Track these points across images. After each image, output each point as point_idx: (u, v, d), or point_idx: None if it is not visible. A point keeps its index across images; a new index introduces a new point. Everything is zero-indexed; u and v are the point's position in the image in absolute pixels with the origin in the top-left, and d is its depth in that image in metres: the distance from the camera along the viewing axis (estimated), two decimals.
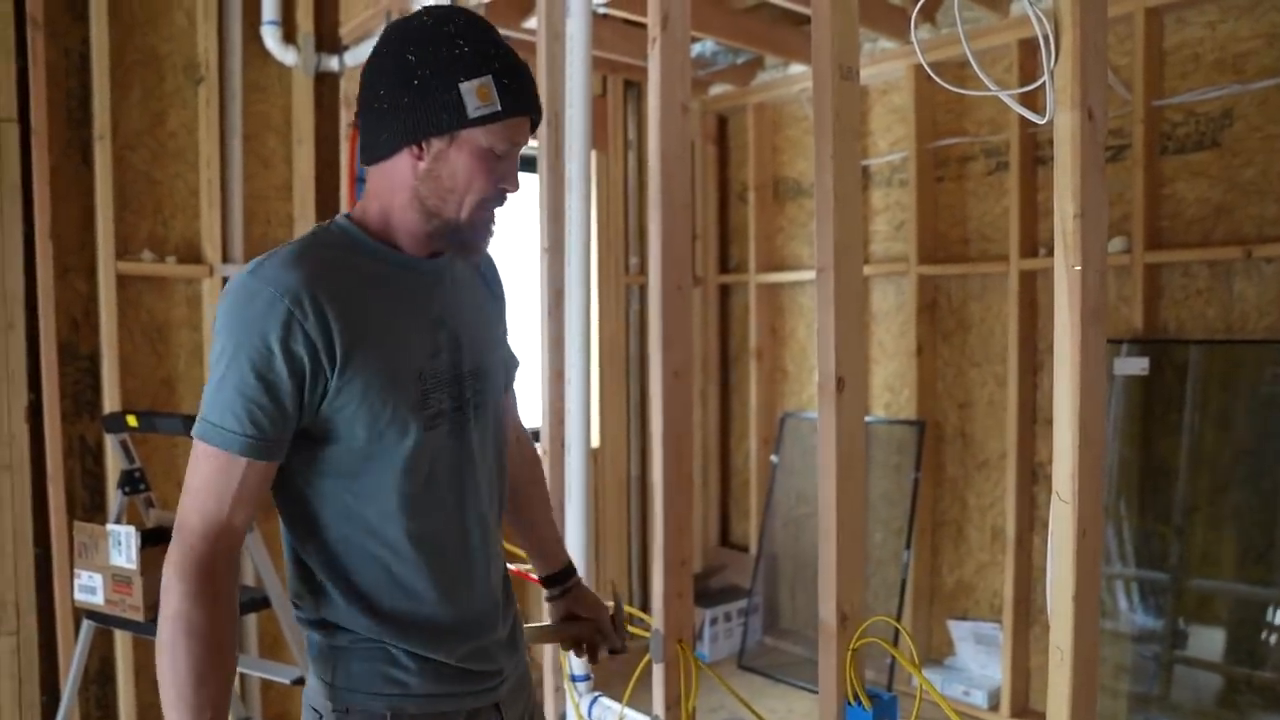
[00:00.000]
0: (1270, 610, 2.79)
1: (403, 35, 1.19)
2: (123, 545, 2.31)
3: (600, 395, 4.05)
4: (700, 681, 1.87)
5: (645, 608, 3.50)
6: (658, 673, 1.88)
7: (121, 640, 2.97)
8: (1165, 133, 3.10)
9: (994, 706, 3.47)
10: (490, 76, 1.15)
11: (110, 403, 2.89)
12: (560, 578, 1.58)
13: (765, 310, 4.38)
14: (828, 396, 1.50)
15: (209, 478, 1.11)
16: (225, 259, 3.15)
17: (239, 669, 2.88)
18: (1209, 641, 2.91)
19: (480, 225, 1.23)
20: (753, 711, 1.79)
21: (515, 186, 1.23)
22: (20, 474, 2.73)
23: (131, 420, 2.43)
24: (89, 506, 2.93)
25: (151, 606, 2.33)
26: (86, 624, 2.47)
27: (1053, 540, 1.25)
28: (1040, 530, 3.41)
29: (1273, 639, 2.78)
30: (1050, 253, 3.23)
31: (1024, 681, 3.46)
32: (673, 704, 1.88)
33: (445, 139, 1.16)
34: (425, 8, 1.25)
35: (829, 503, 1.51)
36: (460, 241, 1.23)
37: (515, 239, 3.79)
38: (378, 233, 1.22)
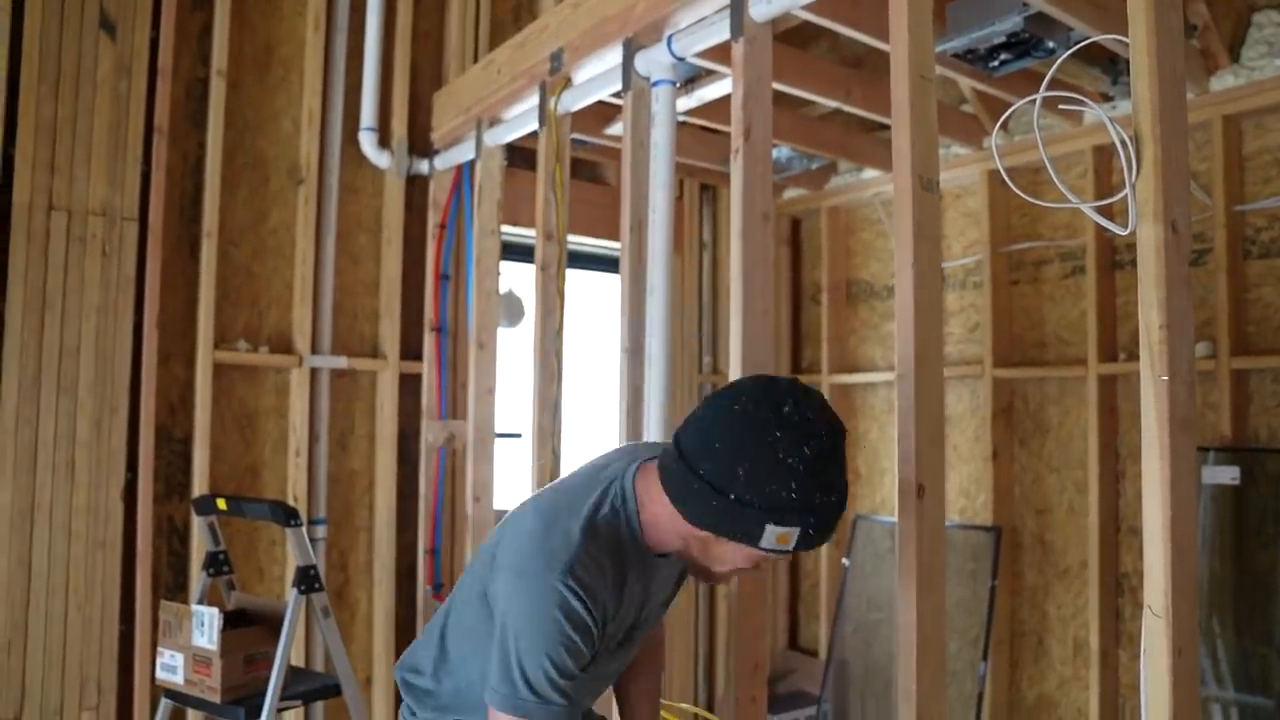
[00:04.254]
0: None
1: (753, 435, 1.20)
2: (205, 626, 2.37)
3: None
4: None
5: (710, 706, 3.42)
6: None
7: (193, 717, 3.01)
8: (1248, 237, 3.07)
9: None
10: (799, 529, 1.21)
11: (200, 486, 3.00)
12: None
13: (838, 412, 4.35)
14: (908, 503, 1.50)
15: None
16: (314, 350, 3.28)
17: None
18: None
19: (722, 577, 1.37)
20: None
21: (769, 555, 1.28)
22: (113, 552, 2.83)
23: (221, 504, 2.51)
24: (172, 587, 3.01)
25: (230, 689, 2.37)
26: (165, 702, 2.52)
27: (1145, 659, 1.21)
28: (1126, 645, 3.27)
29: None
30: (1130, 357, 3.19)
31: None
32: None
33: (730, 539, 1.25)
34: (792, 399, 1.23)
35: (908, 613, 1.49)
36: (699, 576, 1.39)
37: (597, 337, 3.90)
38: (642, 528, 1.33)
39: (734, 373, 1.83)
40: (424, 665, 1.48)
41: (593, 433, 3.87)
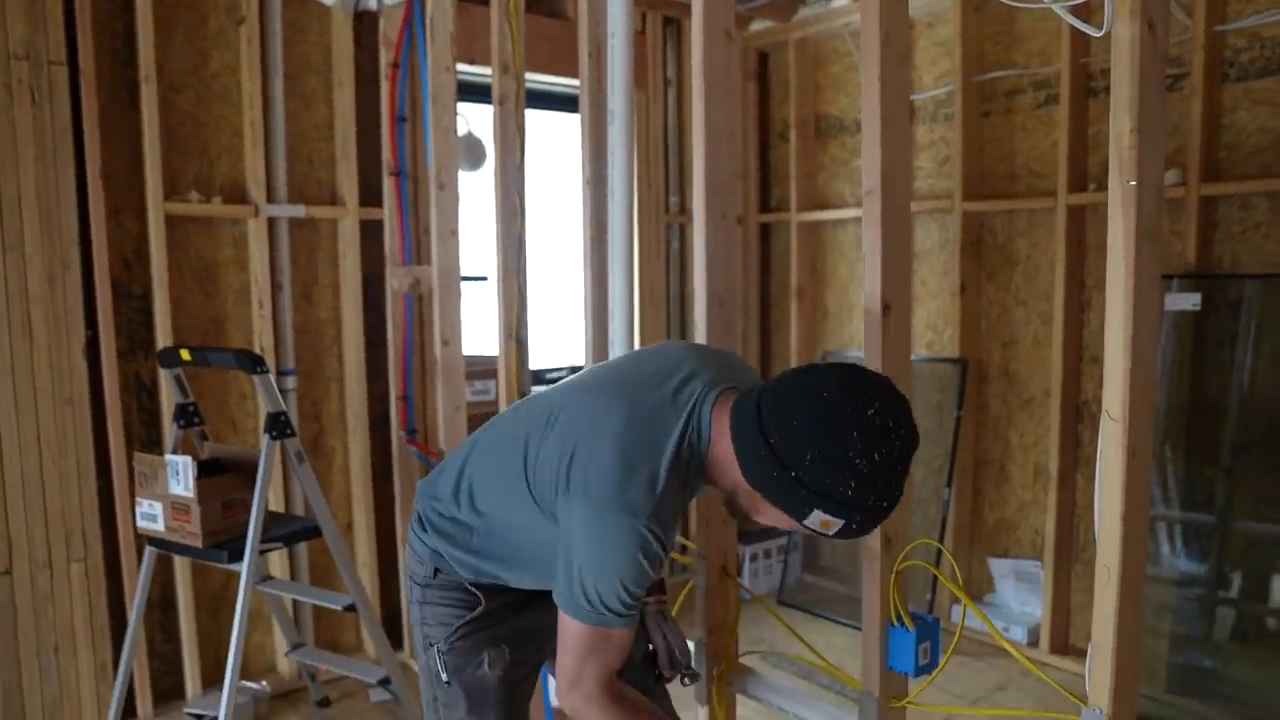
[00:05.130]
0: None
1: (831, 427, 1.21)
2: (180, 474, 2.39)
3: (641, 335, 4.06)
4: (742, 614, 1.90)
5: (687, 534, 3.54)
6: (700, 598, 1.91)
7: (181, 570, 3.08)
8: (1227, 59, 3.00)
9: (1033, 643, 3.48)
10: (844, 522, 1.24)
11: (163, 340, 2.96)
12: None
13: (807, 249, 4.34)
14: (874, 321, 1.50)
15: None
16: (270, 199, 3.18)
17: (295, 596, 2.97)
18: (1253, 583, 2.89)
19: (756, 525, 1.40)
20: (799, 638, 1.82)
21: (807, 530, 1.30)
22: (80, 408, 2.82)
23: (185, 354, 2.49)
24: (146, 442, 3.02)
25: (210, 534, 2.42)
26: (149, 550, 2.57)
27: (1100, 461, 1.24)
28: (1083, 468, 3.39)
29: None
30: (1100, 188, 3.16)
31: (1064, 619, 3.47)
32: (715, 628, 1.92)
33: (775, 504, 1.28)
34: (880, 402, 1.23)
35: None
36: (734, 516, 1.42)
37: (560, 173, 3.80)
38: (708, 462, 1.35)
39: (698, 193, 1.78)
40: (444, 495, 1.51)
41: (558, 274, 3.84)
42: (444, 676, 1.46)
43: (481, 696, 1.47)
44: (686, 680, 1.76)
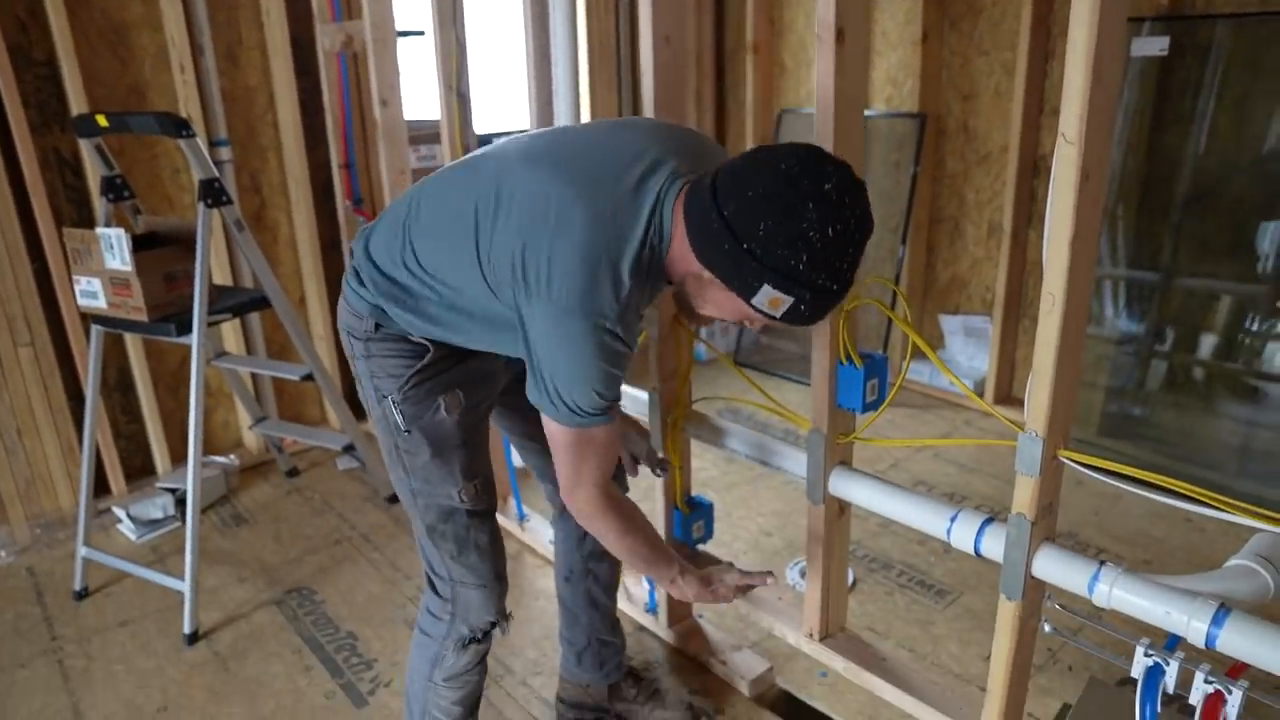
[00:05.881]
0: (1248, 304, 2.83)
1: (787, 199, 1.17)
2: (115, 248, 2.30)
3: (590, 91, 3.89)
4: (698, 375, 1.92)
5: None
6: (654, 349, 1.93)
7: (134, 348, 3.05)
8: None
9: (979, 394, 3.63)
10: (793, 300, 1.21)
11: (78, 110, 2.77)
12: None
13: (763, 1, 4.10)
14: (826, 49, 1.41)
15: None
16: None
17: (252, 369, 2.98)
18: (1186, 337, 2.98)
19: (704, 320, 1.42)
20: (754, 385, 1.85)
21: (756, 328, 1.24)
22: (0, 188, 2.68)
23: (102, 120, 2.32)
24: (78, 221, 2.89)
25: (155, 307, 2.37)
26: (95, 329, 2.52)
27: (1053, 185, 1.22)
28: (1037, 224, 3.40)
29: (1246, 335, 2.84)
30: None
31: (1009, 371, 3.60)
32: (668, 377, 1.95)
33: (725, 284, 1.25)
34: (837, 178, 1.19)
35: None
36: (683, 311, 1.41)
37: None
38: (668, 261, 1.33)
39: None
40: (383, 254, 1.45)
41: (497, 22, 3.61)
42: (402, 425, 1.48)
43: (443, 440, 1.50)
44: (659, 470, 1.89)
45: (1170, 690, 1.25)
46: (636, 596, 2.39)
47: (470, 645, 1.64)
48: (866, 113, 1.71)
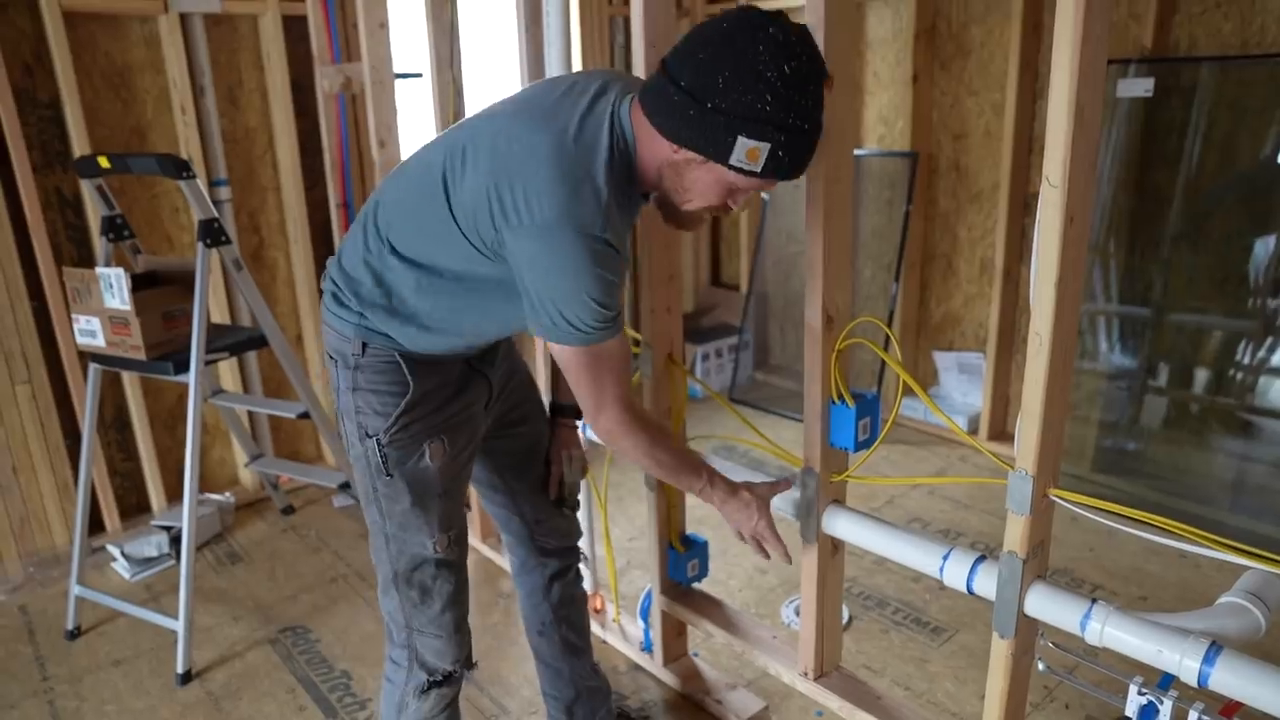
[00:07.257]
0: (1239, 339, 2.85)
1: (736, 47, 1.19)
2: (114, 287, 2.32)
3: None
4: (692, 413, 1.94)
5: (636, 326, 3.58)
6: (648, 387, 1.94)
7: (131, 386, 3.06)
8: None
9: (973, 431, 3.64)
10: (770, 145, 1.21)
11: (80, 151, 2.80)
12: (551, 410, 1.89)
13: None
14: None
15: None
16: None
17: (248, 407, 2.98)
18: (1180, 372, 3.00)
19: (692, 218, 1.39)
20: (748, 424, 1.87)
21: (742, 208, 1.28)
22: (1, 227, 2.70)
23: (104, 162, 2.36)
24: (78, 261, 2.92)
25: (153, 346, 2.38)
26: (94, 367, 2.53)
27: (1039, 229, 1.24)
28: (1029, 261, 3.42)
29: (1238, 369, 2.86)
30: None
31: (1004, 406, 3.61)
32: (662, 415, 1.96)
33: (701, 158, 1.26)
34: (779, 24, 1.21)
35: (816, 206, 1.49)
36: (670, 217, 1.41)
37: None
38: (638, 168, 1.35)
39: None
40: (355, 259, 1.45)
41: (493, 65, 3.66)
42: (385, 470, 1.48)
43: (425, 489, 1.50)
44: (567, 511, 1.88)
45: None
46: (632, 635, 2.39)
47: (431, 690, 1.62)
48: (859, 151, 1.74)
